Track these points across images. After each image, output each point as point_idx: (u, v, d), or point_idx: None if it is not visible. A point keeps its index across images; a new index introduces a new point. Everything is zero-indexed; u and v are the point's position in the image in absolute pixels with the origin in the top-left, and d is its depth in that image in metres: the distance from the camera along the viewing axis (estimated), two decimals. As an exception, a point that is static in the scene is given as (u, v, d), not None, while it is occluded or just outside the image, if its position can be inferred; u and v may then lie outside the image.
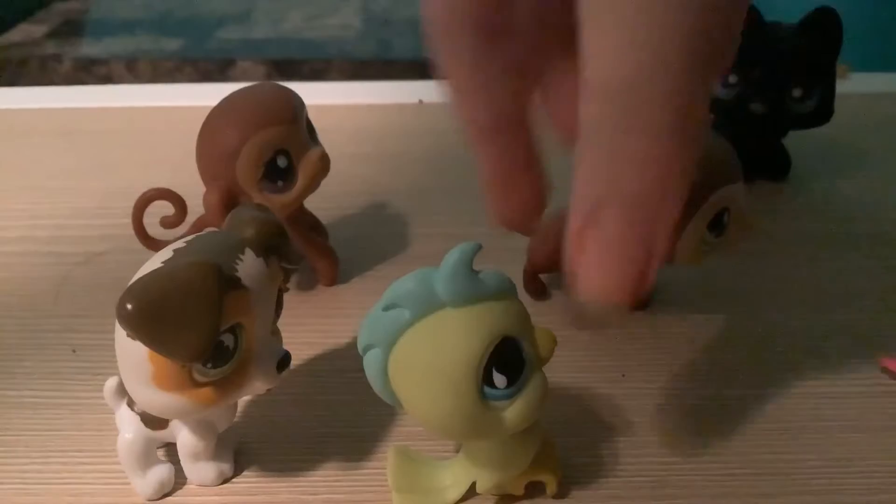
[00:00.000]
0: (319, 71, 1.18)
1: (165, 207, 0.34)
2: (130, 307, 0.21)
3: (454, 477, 0.26)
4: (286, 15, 1.37)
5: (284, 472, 0.27)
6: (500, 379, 0.22)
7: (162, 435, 0.26)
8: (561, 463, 0.26)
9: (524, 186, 0.24)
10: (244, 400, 0.30)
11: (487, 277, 0.22)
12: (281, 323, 0.26)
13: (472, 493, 0.26)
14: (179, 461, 0.27)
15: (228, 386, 0.24)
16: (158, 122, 0.53)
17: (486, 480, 0.25)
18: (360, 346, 0.23)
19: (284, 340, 0.26)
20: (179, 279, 0.22)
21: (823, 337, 0.33)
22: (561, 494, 0.26)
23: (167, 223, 0.34)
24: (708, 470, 0.27)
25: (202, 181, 0.33)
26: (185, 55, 1.25)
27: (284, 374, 0.25)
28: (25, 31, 1.33)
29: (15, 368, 0.32)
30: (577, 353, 0.32)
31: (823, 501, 0.26)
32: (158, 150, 0.49)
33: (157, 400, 0.23)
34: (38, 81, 1.17)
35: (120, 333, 0.23)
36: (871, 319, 0.34)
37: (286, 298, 0.27)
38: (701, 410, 0.30)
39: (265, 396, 0.29)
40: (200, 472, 0.27)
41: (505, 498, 0.26)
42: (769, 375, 0.31)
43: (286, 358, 0.25)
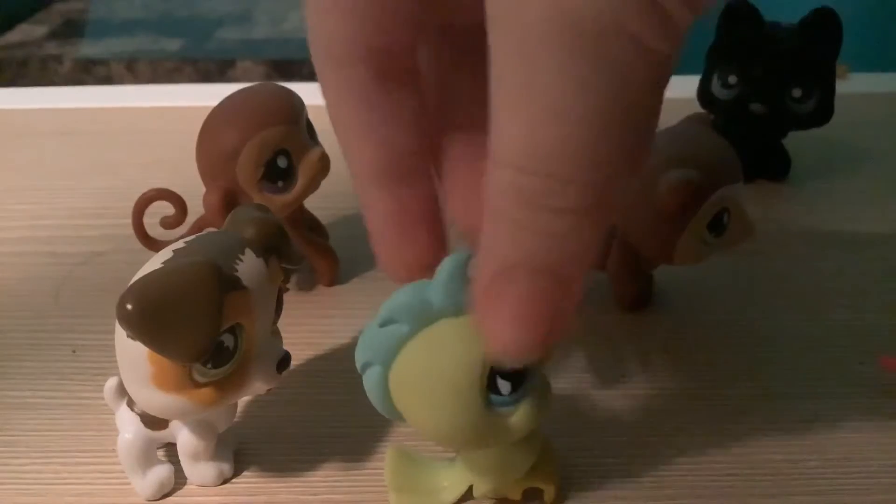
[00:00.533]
0: (319, 71, 1.18)
1: (165, 208, 0.34)
2: (130, 307, 0.21)
3: (452, 479, 0.26)
4: (286, 15, 1.37)
5: (284, 472, 0.27)
6: (504, 385, 0.22)
7: (162, 435, 0.26)
8: (560, 469, 0.26)
9: (419, 239, 0.23)
10: (244, 400, 0.30)
11: None
12: (281, 323, 0.26)
13: (468, 496, 0.25)
14: (179, 461, 0.27)
15: (228, 386, 0.24)
16: (158, 122, 0.53)
17: (483, 485, 0.25)
18: (358, 364, 0.23)
19: (284, 340, 0.26)
20: (179, 279, 0.22)
21: (823, 337, 0.33)
22: (561, 497, 0.26)
23: (167, 223, 0.34)
24: (708, 470, 0.27)
25: (202, 181, 0.33)
26: (185, 55, 1.25)
27: (284, 374, 0.25)
28: (25, 31, 1.33)
29: (15, 369, 0.32)
30: (576, 352, 0.32)
31: (823, 501, 0.26)
32: (158, 150, 0.49)
33: (156, 400, 0.23)
34: (38, 82, 1.17)
35: (120, 333, 0.23)
36: (871, 319, 0.34)
37: (286, 298, 0.27)
38: (701, 410, 0.30)
39: (265, 396, 0.29)
40: (200, 472, 0.27)
41: (502, 501, 0.26)
42: (769, 375, 0.31)
43: (286, 358, 0.25)
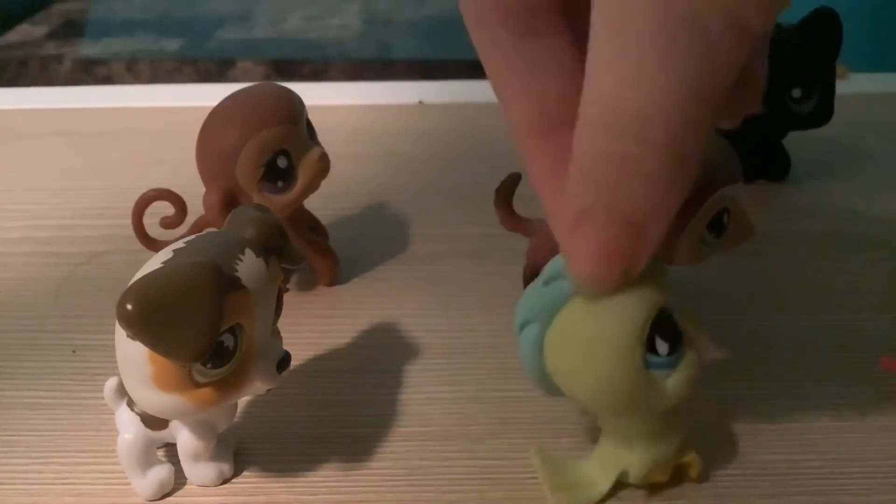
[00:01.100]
0: (319, 71, 1.18)
1: (165, 208, 0.34)
2: (130, 307, 0.21)
3: (600, 470, 0.26)
4: (286, 15, 1.37)
5: (284, 472, 0.27)
6: (662, 346, 0.22)
7: (162, 435, 0.26)
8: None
9: None
10: (244, 400, 0.30)
11: None
12: (281, 323, 0.26)
13: (620, 485, 0.26)
14: (179, 461, 0.27)
15: (228, 386, 0.24)
16: (159, 122, 0.53)
17: (637, 470, 0.25)
18: (516, 323, 0.24)
19: (284, 341, 0.26)
20: (179, 279, 0.22)
21: (823, 337, 0.33)
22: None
23: (167, 223, 0.34)
24: (708, 470, 0.27)
25: (202, 181, 0.33)
26: (185, 55, 1.25)
27: (284, 374, 0.25)
28: (25, 31, 1.33)
29: (15, 369, 0.32)
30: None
31: (823, 501, 0.26)
32: (158, 150, 0.49)
33: (156, 400, 0.23)
34: (38, 82, 1.17)
35: (120, 334, 0.23)
36: (871, 319, 0.34)
37: (286, 298, 0.27)
38: (701, 410, 0.30)
39: (265, 396, 0.29)
40: (200, 472, 0.27)
41: (651, 489, 0.26)
42: (769, 375, 0.31)
43: (286, 358, 0.25)
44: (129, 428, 0.26)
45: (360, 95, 0.57)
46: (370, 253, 0.39)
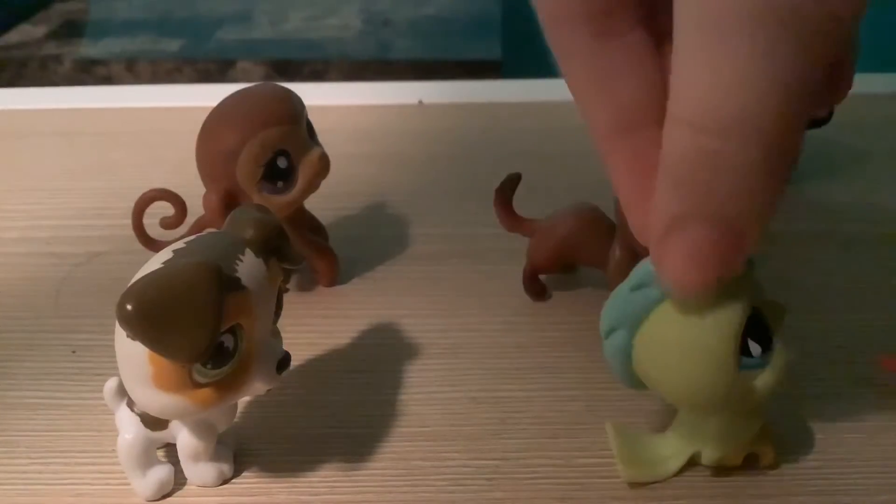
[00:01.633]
0: (319, 71, 1.18)
1: (165, 208, 0.34)
2: (130, 308, 0.21)
3: (673, 449, 0.26)
4: (286, 15, 1.36)
5: (284, 472, 0.27)
6: (755, 347, 0.23)
7: (162, 435, 0.26)
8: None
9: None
10: (244, 400, 0.30)
11: None
12: (281, 323, 0.26)
13: (691, 463, 0.26)
14: (179, 462, 0.27)
15: (228, 387, 0.24)
16: (158, 122, 0.53)
17: (712, 452, 0.26)
18: (603, 328, 0.24)
19: (284, 341, 0.26)
20: (179, 280, 0.22)
21: (823, 337, 0.33)
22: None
23: (167, 224, 0.34)
24: (708, 470, 0.27)
25: (202, 182, 0.33)
26: (184, 56, 1.25)
27: (284, 374, 0.25)
28: (25, 31, 1.33)
29: (15, 369, 0.32)
30: (577, 353, 0.32)
31: (823, 501, 0.26)
32: (158, 150, 0.49)
33: (156, 400, 0.23)
34: (38, 82, 1.17)
35: (120, 334, 0.23)
36: (871, 319, 0.34)
37: (286, 299, 0.27)
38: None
39: (265, 397, 0.29)
40: (200, 472, 0.27)
41: (722, 470, 0.27)
42: (769, 375, 0.31)
43: (286, 359, 0.25)
44: (129, 428, 0.26)
45: (359, 95, 0.57)
46: (370, 253, 0.39)
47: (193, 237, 0.24)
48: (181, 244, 0.24)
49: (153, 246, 0.34)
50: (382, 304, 0.36)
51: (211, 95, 0.35)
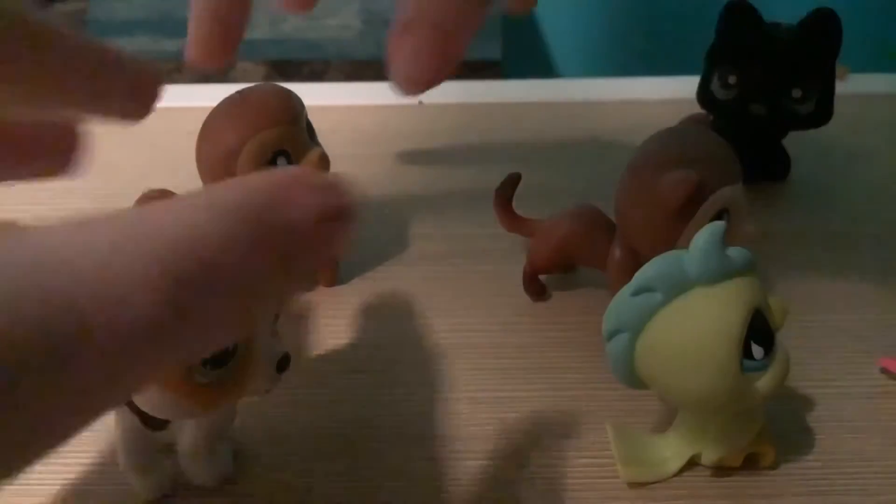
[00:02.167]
0: (319, 72, 1.18)
1: (165, 208, 0.34)
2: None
3: (673, 449, 0.26)
4: (286, 15, 1.36)
5: (284, 472, 0.27)
6: (757, 350, 0.23)
7: (162, 435, 0.26)
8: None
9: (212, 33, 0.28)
10: (244, 400, 0.30)
11: (735, 254, 0.23)
12: (281, 323, 0.26)
13: (691, 463, 0.26)
14: (179, 461, 0.27)
15: (228, 387, 0.24)
16: (158, 122, 0.53)
17: (712, 453, 0.26)
18: (605, 332, 0.24)
19: (285, 341, 0.26)
20: (179, 280, 0.22)
21: (823, 337, 0.33)
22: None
23: (167, 224, 0.34)
24: (708, 470, 0.27)
25: (202, 182, 0.33)
26: (185, 56, 1.25)
27: (284, 374, 0.25)
28: (25, 31, 1.33)
29: (15, 369, 0.32)
30: (576, 352, 0.32)
31: (823, 501, 0.26)
32: (158, 150, 0.49)
33: (157, 400, 0.23)
34: (37, 82, 1.17)
35: (120, 334, 0.23)
36: (871, 319, 0.34)
37: (286, 299, 0.27)
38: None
39: (265, 396, 0.29)
40: (200, 472, 0.27)
41: (721, 470, 0.27)
42: (769, 375, 0.31)
43: (286, 358, 0.25)
44: (128, 428, 0.26)
45: (359, 95, 0.57)
46: (370, 253, 0.39)
47: (193, 237, 0.24)
48: (181, 244, 0.24)
49: (153, 246, 0.34)
50: (382, 304, 0.36)
51: (211, 95, 0.35)
